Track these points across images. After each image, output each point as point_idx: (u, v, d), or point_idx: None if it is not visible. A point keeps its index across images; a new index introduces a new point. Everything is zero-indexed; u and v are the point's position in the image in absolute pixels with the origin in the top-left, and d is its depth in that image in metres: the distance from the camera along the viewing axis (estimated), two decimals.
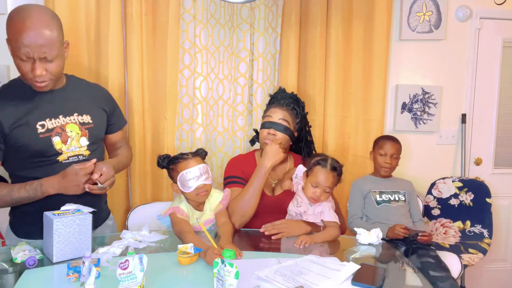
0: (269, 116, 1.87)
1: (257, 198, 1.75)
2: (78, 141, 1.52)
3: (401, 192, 2.10)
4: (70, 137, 1.49)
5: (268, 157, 1.76)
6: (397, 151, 2.13)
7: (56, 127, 1.47)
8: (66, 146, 1.49)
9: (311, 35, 2.37)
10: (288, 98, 1.93)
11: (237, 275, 1.09)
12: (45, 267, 1.30)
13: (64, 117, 1.50)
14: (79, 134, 1.52)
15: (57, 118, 1.48)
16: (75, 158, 1.51)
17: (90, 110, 1.58)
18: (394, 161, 2.12)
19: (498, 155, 2.79)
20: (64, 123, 1.50)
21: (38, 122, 1.44)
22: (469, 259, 2.27)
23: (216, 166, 2.40)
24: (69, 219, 1.31)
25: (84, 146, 1.53)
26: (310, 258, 1.40)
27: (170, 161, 1.65)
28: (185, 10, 2.23)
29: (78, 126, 1.52)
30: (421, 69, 2.62)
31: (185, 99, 2.30)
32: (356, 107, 2.48)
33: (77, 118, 1.53)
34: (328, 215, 1.70)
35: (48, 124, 1.46)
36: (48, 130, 1.46)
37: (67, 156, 1.50)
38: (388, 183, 2.13)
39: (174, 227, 1.59)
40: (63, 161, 1.49)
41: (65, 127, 1.49)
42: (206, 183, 1.61)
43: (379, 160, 2.13)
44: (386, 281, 1.27)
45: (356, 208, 2.11)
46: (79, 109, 1.55)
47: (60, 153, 1.48)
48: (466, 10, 2.59)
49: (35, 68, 1.34)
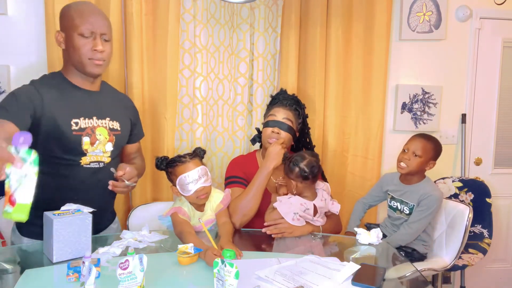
0: (273, 115, 1.87)
1: (259, 198, 1.75)
2: (104, 146, 1.52)
3: (409, 204, 1.92)
4: (98, 140, 1.49)
5: (271, 159, 1.76)
6: (422, 148, 1.88)
7: (88, 127, 1.48)
8: (92, 148, 1.48)
9: (311, 35, 2.37)
10: (290, 99, 1.94)
11: (237, 275, 1.09)
12: (45, 267, 1.30)
13: (97, 119, 1.51)
14: (106, 139, 1.52)
15: (90, 119, 1.50)
16: (96, 164, 1.51)
17: (119, 117, 1.61)
18: (415, 158, 1.88)
19: (498, 155, 2.79)
20: (96, 125, 1.51)
21: (73, 119, 1.46)
22: (469, 259, 2.27)
23: (216, 166, 2.40)
24: (69, 219, 1.31)
25: (108, 152, 1.53)
26: (310, 258, 1.40)
27: (168, 163, 1.63)
28: (185, 10, 2.23)
29: (107, 131, 1.53)
30: (421, 69, 2.62)
31: (185, 99, 2.30)
32: (356, 107, 2.48)
33: (108, 122, 1.55)
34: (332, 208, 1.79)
35: (81, 123, 1.47)
36: (81, 129, 1.47)
37: (89, 161, 1.49)
38: (404, 191, 1.95)
39: (175, 228, 1.59)
40: (84, 165, 1.48)
41: (96, 129, 1.50)
42: (205, 185, 1.60)
43: (399, 156, 1.94)
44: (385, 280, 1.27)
45: (368, 195, 2.16)
46: (111, 115, 1.57)
47: (84, 154, 1.47)
48: (466, 10, 2.59)
49: (97, 43, 1.43)
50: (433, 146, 1.91)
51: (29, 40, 2.18)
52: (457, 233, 1.99)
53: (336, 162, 2.47)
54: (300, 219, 1.70)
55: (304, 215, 1.71)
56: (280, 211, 1.69)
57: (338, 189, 2.45)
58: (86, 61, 1.45)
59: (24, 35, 2.18)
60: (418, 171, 1.92)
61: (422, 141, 1.90)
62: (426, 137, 1.94)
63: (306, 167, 1.69)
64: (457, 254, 1.97)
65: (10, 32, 2.17)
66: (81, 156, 1.47)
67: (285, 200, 1.73)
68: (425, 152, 1.89)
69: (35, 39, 2.18)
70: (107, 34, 1.47)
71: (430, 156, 1.90)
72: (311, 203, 1.73)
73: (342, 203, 2.44)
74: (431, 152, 1.90)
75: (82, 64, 1.46)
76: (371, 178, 2.47)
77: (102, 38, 1.46)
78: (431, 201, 1.87)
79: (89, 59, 1.44)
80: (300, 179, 1.70)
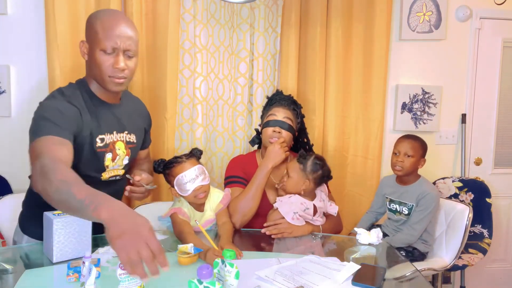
0: (273, 115, 1.88)
1: (259, 198, 1.75)
2: (122, 160, 1.48)
3: (408, 204, 1.96)
4: (118, 156, 1.46)
5: (270, 158, 1.77)
6: (412, 148, 1.95)
7: (110, 143, 1.43)
8: (112, 164, 1.45)
9: (311, 35, 2.37)
10: (287, 99, 1.95)
11: (237, 275, 1.09)
12: (45, 267, 1.30)
13: (116, 133, 1.47)
14: (124, 153, 1.48)
15: (111, 134, 1.45)
16: (113, 178, 1.48)
17: (136, 129, 1.56)
18: (408, 158, 1.95)
19: (498, 155, 2.79)
20: (116, 140, 1.46)
21: (99, 136, 1.40)
22: (469, 259, 2.27)
23: (216, 166, 2.40)
24: (69, 219, 1.31)
25: (123, 165, 1.50)
26: (310, 258, 1.40)
27: (165, 165, 1.64)
28: (185, 10, 2.23)
29: (124, 145, 1.49)
30: (421, 69, 2.62)
31: (185, 99, 2.30)
32: (356, 107, 2.48)
33: (125, 136, 1.50)
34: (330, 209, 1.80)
35: (106, 139, 1.42)
36: (105, 145, 1.42)
37: (108, 176, 1.46)
38: (401, 192, 2.00)
39: (175, 228, 1.59)
40: (104, 180, 1.45)
41: (115, 144, 1.45)
42: (203, 184, 1.60)
43: (392, 160, 2.01)
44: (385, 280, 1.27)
45: (373, 203, 2.18)
46: (129, 128, 1.52)
47: (104, 170, 1.44)
48: (466, 10, 2.59)
49: (118, 61, 1.34)
50: (420, 144, 1.99)
51: (29, 40, 2.19)
52: (457, 233, 1.99)
53: (336, 162, 2.47)
54: (300, 218, 1.70)
55: (303, 214, 1.71)
56: (280, 211, 1.70)
57: (338, 189, 2.45)
58: (107, 79, 1.36)
59: (24, 35, 2.18)
60: (413, 170, 1.99)
61: (410, 141, 1.98)
62: (412, 137, 2.01)
63: (327, 171, 1.77)
64: (457, 254, 1.98)
65: (10, 32, 2.17)
66: (101, 172, 1.44)
67: (286, 199, 1.73)
68: (415, 151, 1.96)
69: (35, 39, 2.18)
70: (131, 50, 1.37)
71: (421, 154, 1.98)
72: (311, 203, 1.74)
73: (342, 203, 2.45)
74: (420, 150, 1.98)
75: (102, 81, 1.38)
76: (371, 178, 2.47)
77: (125, 54, 1.36)
78: (429, 199, 1.91)
79: (109, 77, 1.36)
80: (317, 181, 1.75)
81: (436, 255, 2.04)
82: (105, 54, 1.34)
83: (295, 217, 1.68)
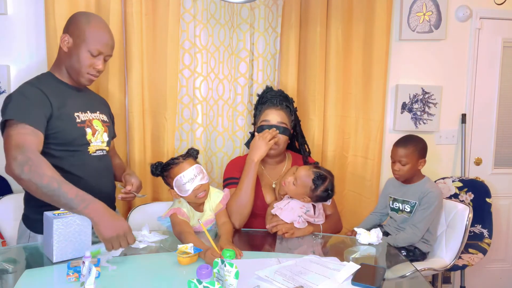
0: (266, 120, 1.87)
1: (252, 193, 1.74)
2: (102, 136, 1.63)
3: (410, 202, 1.94)
4: (97, 131, 1.61)
5: (253, 151, 1.77)
6: (405, 156, 1.91)
7: (86, 120, 1.59)
8: (94, 138, 1.59)
9: (311, 35, 2.37)
10: (279, 96, 1.93)
11: (237, 275, 1.10)
12: (45, 267, 1.30)
13: (90, 113, 1.62)
14: (102, 129, 1.64)
15: (85, 113, 1.60)
16: (100, 152, 1.62)
17: (104, 111, 1.73)
18: (404, 166, 1.92)
19: (498, 155, 2.79)
20: (91, 118, 1.61)
21: (75, 113, 1.55)
22: (469, 259, 2.27)
23: (216, 166, 2.40)
24: (69, 219, 1.31)
25: (105, 141, 1.65)
26: (310, 258, 1.40)
27: (163, 168, 1.64)
28: (185, 10, 2.23)
29: (100, 122, 1.65)
30: (421, 69, 2.62)
31: (185, 99, 2.30)
32: (356, 107, 2.48)
33: (99, 115, 1.66)
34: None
35: (81, 116, 1.57)
36: (82, 121, 1.57)
37: (94, 149, 1.60)
38: (404, 191, 1.99)
39: (175, 228, 1.59)
40: (92, 154, 1.59)
41: (92, 121, 1.61)
42: (202, 183, 1.60)
43: (391, 166, 1.99)
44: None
45: (378, 204, 2.16)
46: (99, 109, 1.69)
47: (89, 143, 1.57)
48: (466, 10, 2.59)
49: (100, 64, 1.55)
50: (414, 149, 1.92)
51: (29, 40, 2.19)
52: (457, 233, 1.99)
53: (336, 162, 2.47)
54: (304, 221, 1.70)
55: (306, 217, 1.71)
56: (283, 219, 1.69)
57: (338, 189, 2.42)
58: (85, 75, 1.55)
59: (24, 35, 2.18)
60: (412, 174, 1.96)
61: (402, 149, 1.92)
62: (403, 143, 1.95)
63: (330, 197, 1.78)
64: (457, 254, 1.97)
65: (10, 32, 2.17)
66: (87, 146, 1.57)
67: (285, 206, 1.72)
68: (409, 157, 1.91)
69: (35, 39, 2.18)
70: (109, 56, 1.59)
71: (416, 158, 1.92)
72: (309, 204, 1.74)
73: (342, 203, 2.46)
74: (415, 154, 1.92)
75: (78, 75, 1.55)
76: (371, 178, 2.47)
77: (105, 58, 1.57)
78: (431, 198, 1.90)
79: (87, 74, 1.55)
80: (314, 200, 1.75)
81: (436, 255, 2.04)
82: (89, 55, 1.53)
83: (300, 221, 1.69)
